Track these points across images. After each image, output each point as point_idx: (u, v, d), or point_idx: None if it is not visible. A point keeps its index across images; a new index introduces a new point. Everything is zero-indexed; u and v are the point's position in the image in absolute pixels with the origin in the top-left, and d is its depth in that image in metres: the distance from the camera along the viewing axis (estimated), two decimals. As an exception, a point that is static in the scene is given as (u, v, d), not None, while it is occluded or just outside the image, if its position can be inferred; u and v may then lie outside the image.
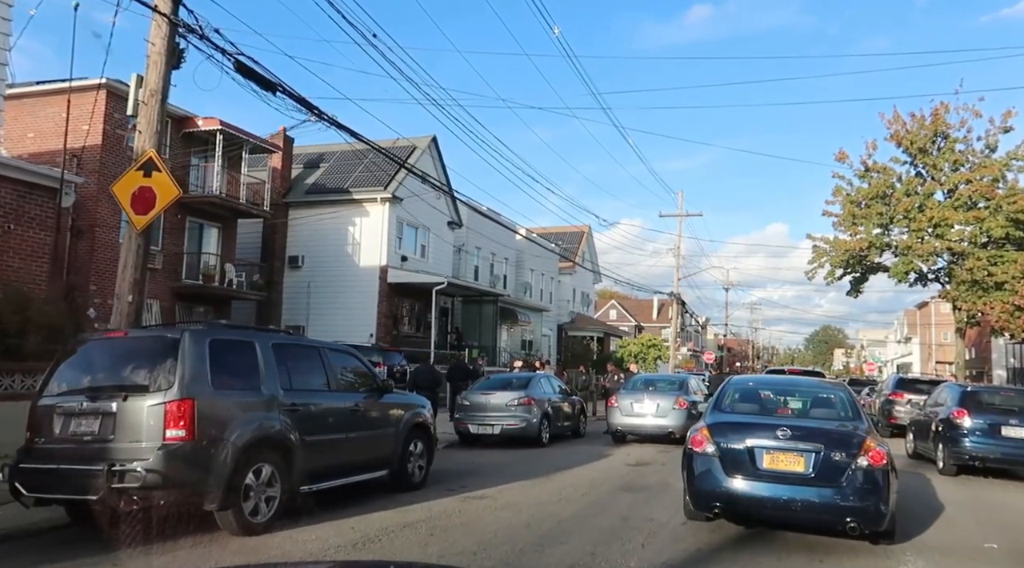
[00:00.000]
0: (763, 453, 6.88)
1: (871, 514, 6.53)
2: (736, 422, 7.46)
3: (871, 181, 23.85)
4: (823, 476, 6.67)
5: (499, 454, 13.39)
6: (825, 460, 6.71)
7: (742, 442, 6.98)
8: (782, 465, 6.82)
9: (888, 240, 24.26)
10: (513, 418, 14.36)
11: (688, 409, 14.97)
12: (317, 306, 28.20)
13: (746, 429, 7.19)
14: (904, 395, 20.34)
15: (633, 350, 35.60)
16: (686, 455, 7.36)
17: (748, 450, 6.91)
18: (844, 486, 6.60)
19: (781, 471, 6.80)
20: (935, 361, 69.97)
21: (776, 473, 6.81)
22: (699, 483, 7.06)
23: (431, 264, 30.54)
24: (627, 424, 15.28)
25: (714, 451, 7.02)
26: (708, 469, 7.01)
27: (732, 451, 6.96)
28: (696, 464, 7.13)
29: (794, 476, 6.75)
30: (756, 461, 6.87)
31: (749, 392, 8.42)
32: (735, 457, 6.92)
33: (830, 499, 6.62)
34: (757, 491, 6.79)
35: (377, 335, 27.52)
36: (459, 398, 15.07)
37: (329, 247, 28.37)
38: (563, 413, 16.23)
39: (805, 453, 6.78)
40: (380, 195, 27.64)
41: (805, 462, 6.75)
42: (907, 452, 15.45)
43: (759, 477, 6.81)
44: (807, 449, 6.78)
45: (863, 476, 6.59)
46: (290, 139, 28.93)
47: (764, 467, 6.84)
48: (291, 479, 6.96)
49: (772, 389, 8.65)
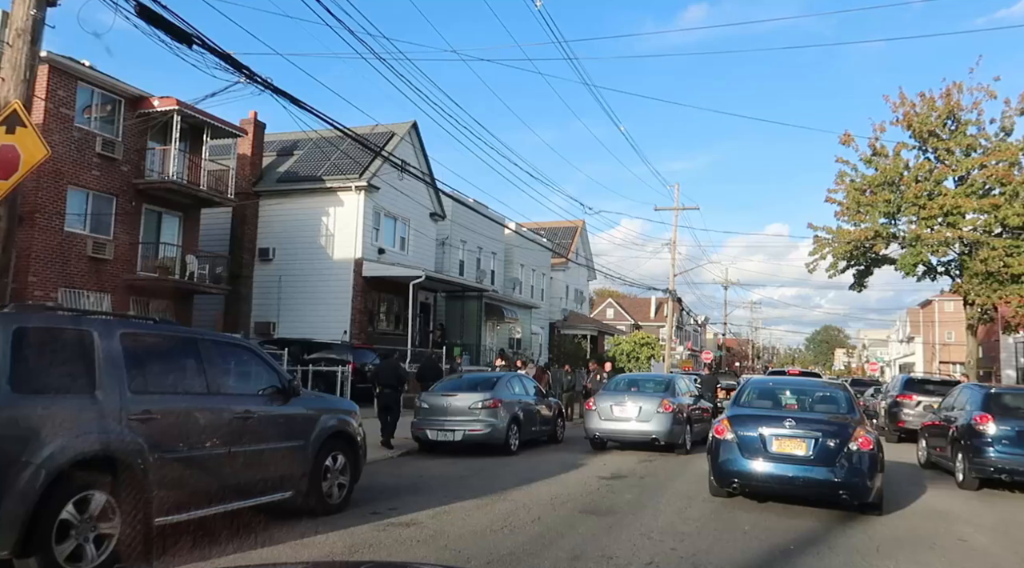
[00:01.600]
0: (773, 439, 8.37)
1: (859, 488, 8.06)
2: (751, 414, 8.99)
3: (878, 166, 22.20)
4: (821, 458, 8.13)
5: (458, 464, 11.79)
6: (823, 445, 8.19)
7: (756, 430, 8.47)
8: (788, 449, 8.30)
9: (895, 230, 22.63)
10: (477, 423, 12.76)
11: (674, 412, 13.37)
12: (288, 301, 26.62)
13: (759, 420, 8.68)
14: (913, 397, 18.75)
15: (625, 348, 33.98)
16: (710, 441, 9.01)
17: (761, 437, 8.42)
18: (837, 466, 8.06)
19: (787, 454, 8.28)
20: (939, 361, 68.41)
21: (783, 455, 8.28)
22: (721, 464, 8.64)
23: (411, 257, 28.95)
24: (606, 429, 13.68)
25: (733, 438, 8.56)
26: (728, 452, 8.54)
27: (748, 437, 8.48)
28: (719, 448, 8.68)
29: (797, 458, 8.23)
30: (767, 446, 8.37)
31: (764, 390, 10.06)
32: (750, 442, 8.44)
33: (826, 476, 8.07)
34: (767, 470, 8.30)
35: (351, 332, 25.94)
36: (417, 400, 13.48)
37: (302, 239, 26.79)
38: (538, 417, 14.64)
39: (807, 439, 8.25)
40: (355, 183, 26.05)
41: (807, 446, 8.22)
42: (919, 461, 13.84)
43: (769, 459, 8.31)
44: (808, 436, 8.25)
45: (853, 458, 8.06)
46: (261, 125, 27.36)
47: (773, 450, 8.33)
48: (140, 510, 5.35)
49: (782, 388, 10.32)
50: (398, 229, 28.94)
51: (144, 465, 5.39)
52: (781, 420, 8.53)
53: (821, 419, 8.73)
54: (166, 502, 5.58)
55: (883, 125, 22.52)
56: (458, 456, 12.77)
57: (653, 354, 33.86)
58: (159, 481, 5.49)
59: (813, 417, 8.78)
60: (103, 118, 20.78)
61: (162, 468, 5.54)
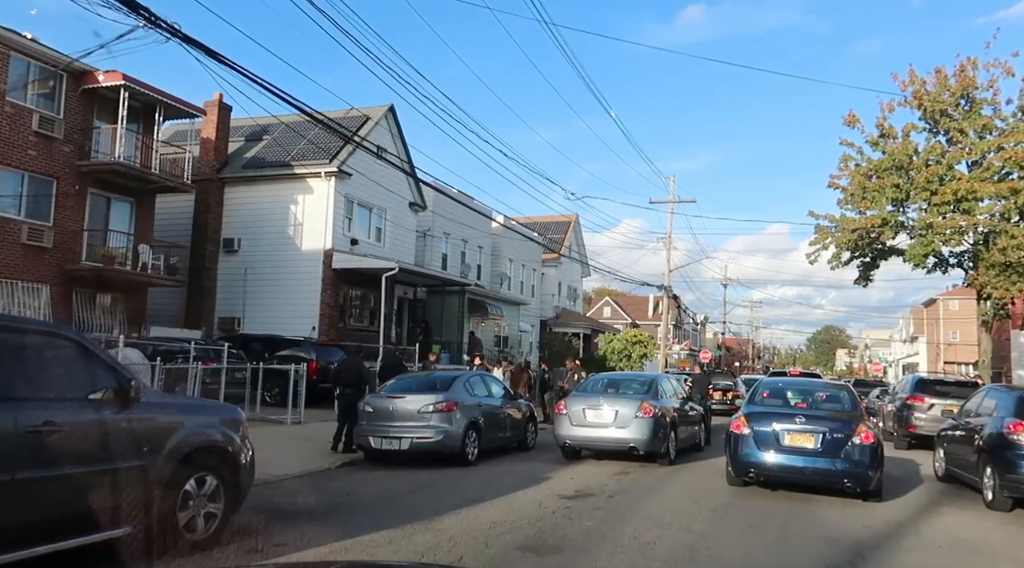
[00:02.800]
0: (785, 434, 9.24)
1: (862, 478, 8.95)
2: (765, 412, 9.82)
3: (886, 149, 20.44)
4: (827, 450, 9.03)
5: (401, 478, 10.10)
6: (830, 438, 9.07)
7: (769, 426, 9.35)
8: (798, 442, 9.19)
9: (903, 219, 20.86)
10: (427, 429, 11.04)
11: (656, 418, 11.64)
12: (255, 295, 24.91)
13: (773, 417, 9.55)
14: (925, 399, 17.04)
15: (617, 347, 32.24)
16: (729, 436, 9.82)
17: (774, 432, 9.29)
18: (842, 457, 8.96)
19: (797, 446, 9.17)
20: (944, 361, 66.70)
21: (794, 448, 9.19)
22: (739, 456, 9.49)
23: (388, 249, 27.24)
24: (578, 437, 11.95)
25: (749, 433, 9.42)
26: (746, 445, 9.40)
27: (762, 432, 9.35)
28: (737, 442, 9.53)
29: (807, 450, 9.14)
30: (779, 440, 9.24)
31: (775, 390, 10.90)
32: (765, 437, 9.32)
33: (832, 466, 8.97)
34: (780, 461, 9.19)
35: (320, 328, 24.25)
36: (361, 403, 11.77)
37: (269, 228, 25.08)
38: (503, 422, 12.94)
39: (815, 434, 9.15)
40: (324, 169, 24.34)
41: (815, 440, 9.14)
42: (935, 473, 12.11)
43: (781, 451, 9.19)
44: (817, 430, 9.17)
45: (856, 450, 8.95)
46: (226, 107, 25.64)
47: (785, 444, 9.21)
48: None
49: (792, 388, 11.08)
50: (373, 219, 27.22)
51: None
52: (792, 417, 9.54)
53: (828, 416, 9.65)
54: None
55: (891, 103, 20.78)
56: (407, 468, 11.08)
57: (647, 353, 32.12)
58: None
59: (821, 414, 9.75)
60: (43, 94, 19.08)
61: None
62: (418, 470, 10.88)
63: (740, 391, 28.66)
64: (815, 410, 9.92)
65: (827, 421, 9.41)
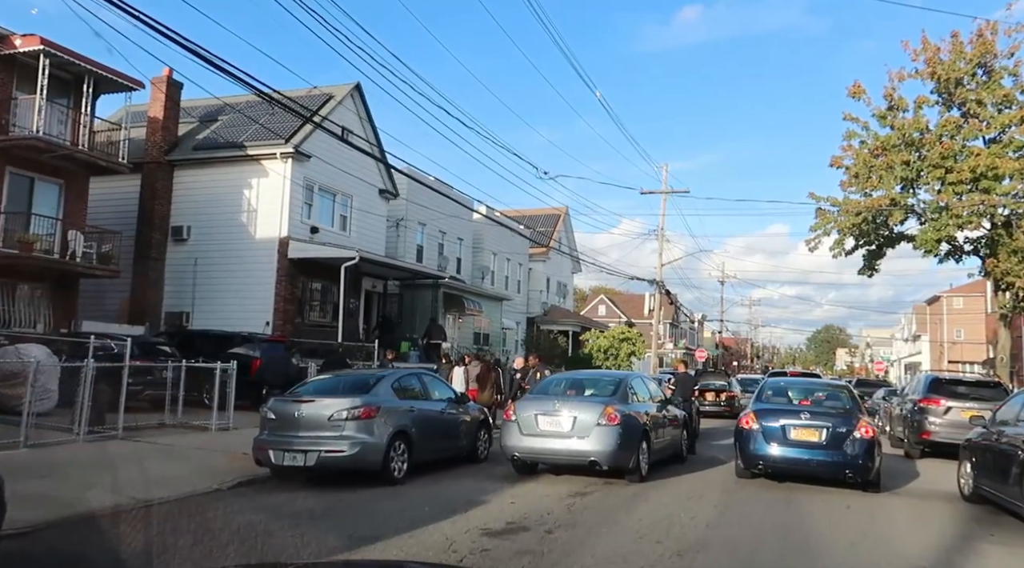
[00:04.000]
0: (791, 428, 10.08)
1: (862, 469, 9.72)
2: (773, 408, 10.69)
3: (895, 124, 18.35)
4: (831, 444, 9.86)
5: (293, 503, 8.06)
6: (832, 433, 9.90)
7: (777, 421, 10.16)
8: (803, 436, 10.04)
9: (914, 201, 18.80)
10: (339, 440, 8.97)
11: (622, 425, 9.56)
12: (206, 288, 22.87)
13: (780, 413, 10.41)
14: (941, 401, 14.96)
15: (603, 344, 30.15)
16: (738, 431, 10.62)
17: (781, 427, 10.10)
18: (844, 450, 9.77)
19: (803, 440, 10.02)
20: (948, 360, 64.58)
21: (800, 442, 10.01)
22: (748, 450, 10.26)
23: (354, 238, 25.18)
24: (528, 448, 9.86)
25: (758, 428, 10.18)
26: (755, 440, 10.16)
27: (770, 428, 10.13)
28: (746, 437, 10.30)
29: (812, 444, 9.97)
30: (786, 434, 10.07)
31: (780, 389, 11.92)
32: (772, 432, 10.11)
33: (835, 458, 9.79)
34: (787, 454, 10.02)
35: (274, 323, 22.20)
36: (263, 409, 9.71)
37: (221, 215, 23.02)
38: (445, 429, 10.89)
39: (819, 428, 9.99)
40: (280, 150, 22.29)
41: (819, 434, 9.97)
42: (961, 491, 10.04)
43: (788, 445, 10.02)
44: (821, 426, 10.00)
45: (857, 444, 9.76)
46: (176, 84, 23.60)
47: (792, 438, 10.04)
48: None
49: (796, 387, 12.18)
50: (337, 206, 25.16)
51: None
52: (798, 413, 10.23)
53: (830, 412, 10.28)
54: None
55: (901, 72, 18.65)
56: (317, 488, 9.04)
57: (635, 351, 30.01)
58: None
59: (824, 410, 10.39)
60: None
61: None
62: (328, 491, 8.84)
63: (735, 392, 26.55)
64: (818, 407, 10.67)
65: (830, 417, 10.12)
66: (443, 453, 10.84)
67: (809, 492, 9.88)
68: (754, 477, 10.41)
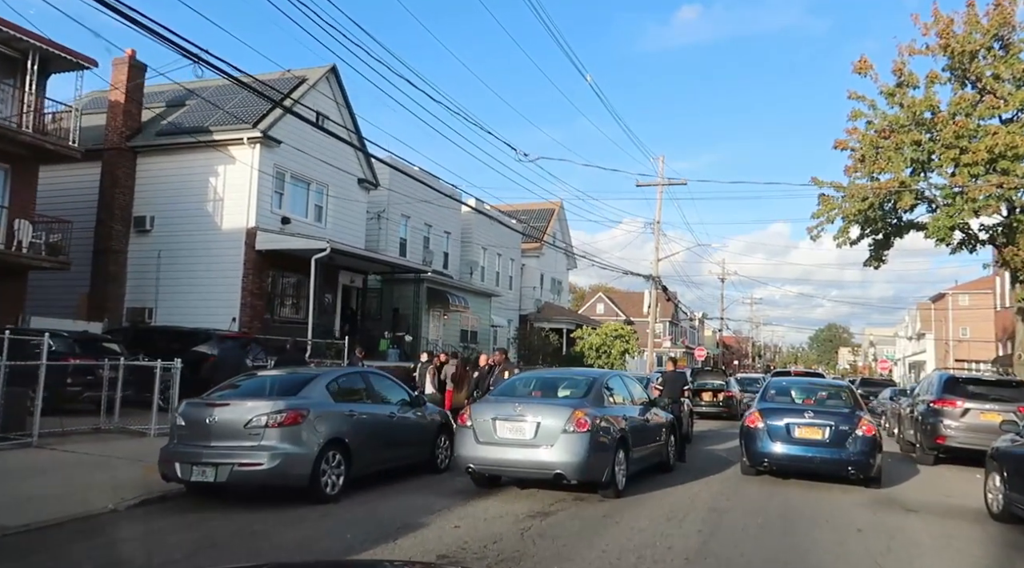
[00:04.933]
0: (795, 427, 10.41)
1: (864, 465, 10.05)
2: (778, 408, 11.01)
3: (905, 101, 16.90)
4: (833, 441, 10.18)
5: (190, 529, 6.69)
6: (835, 431, 10.21)
7: (781, 420, 10.47)
8: (807, 435, 10.36)
9: (924, 187, 17.35)
10: (256, 451, 7.58)
11: (593, 432, 8.17)
12: (169, 281, 21.52)
13: (784, 412, 10.74)
14: (957, 402, 13.58)
15: (594, 342, 28.72)
16: (743, 430, 10.91)
17: (786, 425, 10.41)
18: (847, 448, 10.12)
19: (807, 438, 10.34)
20: (954, 359, 63.06)
21: (804, 440, 10.34)
22: (753, 448, 10.56)
23: (330, 230, 23.81)
24: (485, 459, 8.45)
25: (763, 427, 10.50)
26: (760, 438, 10.47)
27: (775, 426, 10.45)
28: (752, 435, 10.60)
29: (815, 442, 10.28)
30: (791, 432, 10.39)
31: (783, 389, 12.22)
32: (777, 430, 10.43)
33: (838, 456, 10.12)
34: (791, 451, 10.33)
35: (241, 319, 20.83)
36: (173, 414, 8.34)
37: (186, 204, 21.66)
38: (397, 435, 9.50)
39: (823, 427, 10.29)
40: (247, 134, 20.90)
41: (823, 433, 10.28)
42: (989, 508, 8.66)
43: (792, 443, 10.35)
44: (824, 424, 10.30)
45: (859, 441, 10.10)
46: (139, 66, 22.20)
47: (796, 436, 10.38)
48: None
49: (799, 387, 12.45)
50: (312, 196, 23.78)
51: None
52: (802, 412, 10.66)
53: (833, 411, 10.63)
54: None
55: (912, 46, 17.16)
56: (232, 507, 7.65)
57: (628, 348, 28.59)
58: None
59: (827, 410, 10.73)
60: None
61: None
62: (244, 511, 7.47)
63: (733, 391, 25.16)
64: (821, 406, 11.02)
65: (832, 416, 10.45)
66: (393, 463, 9.45)
67: (811, 510, 8.50)
68: (758, 474, 10.78)
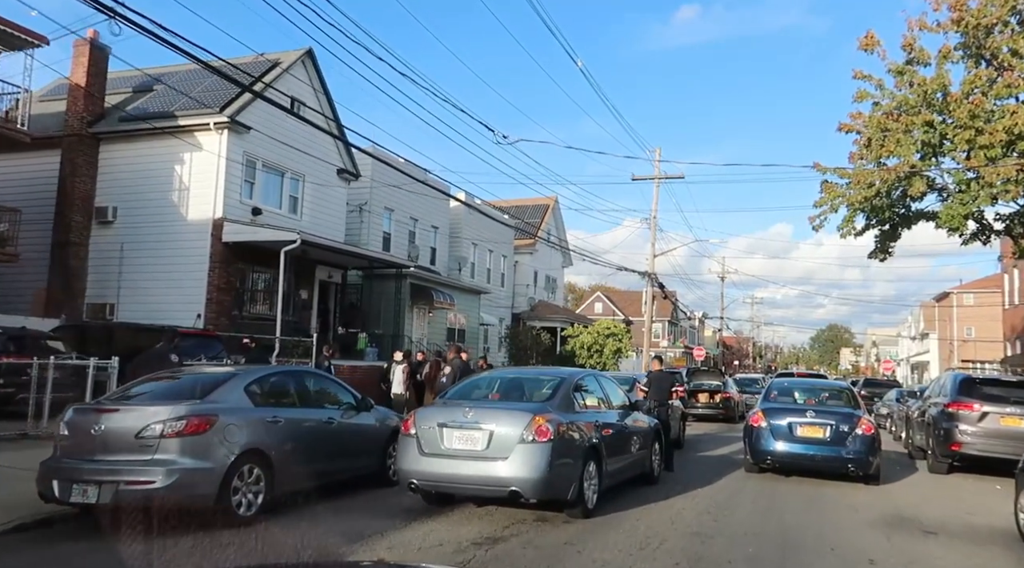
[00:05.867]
0: (797, 426, 10.83)
1: (863, 463, 10.46)
2: (781, 407, 11.48)
3: (915, 79, 15.60)
4: (834, 440, 10.60)
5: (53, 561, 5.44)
6: (836, 430, 10.63)
7: (784, 419, 10.91)
8: (809, 433, 10.78)
9: (936, 173, 16.04)
10: (148, 467, 6.34)
11: (556, 442, 6.91)
12: (133, 275, 20.27)
13: (787, 412, 11.19)
14: (975, 405, 12.33)
15: (586, 341, 27.45)
16: (747, 429, 11.37)
17: (788, 424, 10.85)
18: (847, 446, 10.53)
19: (809, 437, 10.76)
20: (958, 359, 61.76)
21: (805, 438, 10.76)
22: (757, 446, 10.99)
23: (307, 222, 22.57)
24: (428, 474, 7.17)
25: (766, 425, 10.93)
26: (763, 437, 10.90)
27: (778, 425, 10.88)
28: (755, 434, 11.03)
29: (816, 440, 10.71)
30: (793, 431, 10.82)
31: (786, 389, 12.81)
32: (780, 429, 10.86)
33: (838, 454, 10.54)
34: (793, 449, 10.75)
35: (207, 315, 19.58)
36: (58, 422, 7.10)
37: (151, 194, 20.40)
38: (337, 444, 8.25)
39: (824, 426, 10.70)
40: (214, 119, 19.64)
41: (824, 431, 10.69)
42: (1020, 528, 7.41)
43: (795, 441, 10.77)
44: (825, 423, 10.71)
45: (859, 440, 10.51)
46: (102, 48, 20.94)
47: (798, 435, 10.79)
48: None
49: (801, 387, 13.04)
50: (287, 186, 22.53)
51: None
52: (803, 411, 11.14)
53: (834, 411, 11.17)
54: None
55: (923, 19, 15.85)
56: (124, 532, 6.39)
57: (621, 347, 27.31)
58: None
59: (828, 409, 11.28)
60: None
61: None
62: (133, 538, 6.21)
63: (731, 393, 23.89)
64: (822, 406, 11.46)
65: (833, 415, 10.85)
66: (332, 476, 8.21)
67: (813, 533, 7.25)
68: (761, 472, 11.10)
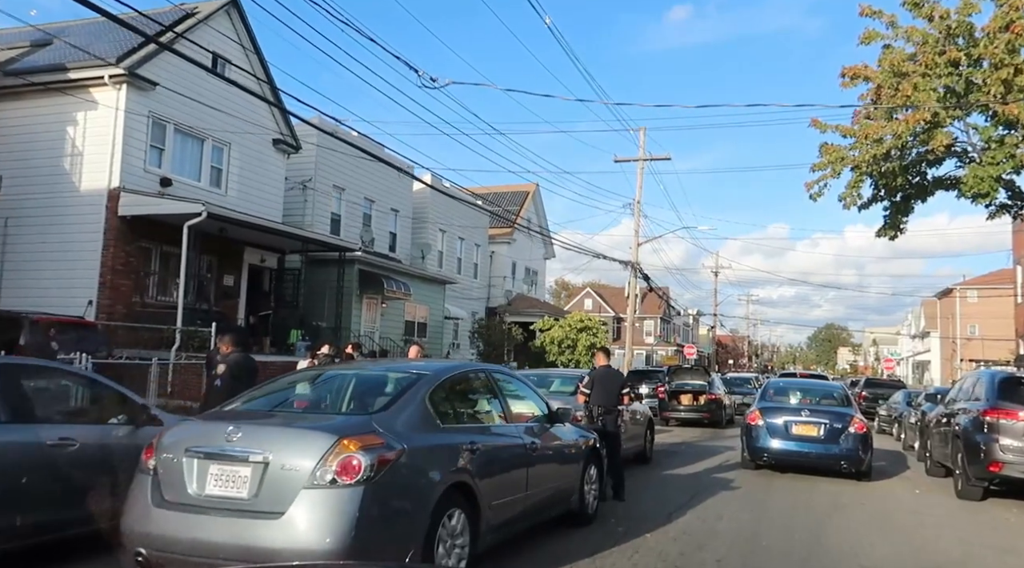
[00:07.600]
0: (792, 424, 11.35)
1: (855, 460, 11.00)
2: (777, 406, 11.94)
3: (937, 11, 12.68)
4: (828, 438, 11.12)
5: None
6: (830, 428, 11.14)
7: (780, 418, 11.44)
8: (804, 431, 11.29)
9: (960, 131, 13.19)
10: None
11: (375, 484, 3.98)
12: (19, 255, 17.44)
13: (783, 411, 11.71)
14: (1020, 414, 9.45)
15: (556, 335, 24.55)
16: (745, 427, 11.93)
17: (784, 423, 11.37)
18: (840, 443, 11.05)
19: (803, 435, 11.29)
20: (960, 358, 59.02)
21: (800, 436, 11.29)
22: (754, 443, 11.51)
23: (233, 198, 19.71)
24: (164, 537, 4.25)
25: (763, 424, 11.45)
26: (760, 435, 11.42)
27: (774, 424, 11.40)
28: (752, 432, 11.55)
29: (811, 438, 11.24)
30: (788, 429, 11.33)
31: (782, 389, 13.27)
32: (776, 427, 11.38)
33: (831, 451, 11.05)
34: (789, 447, 11.29)
35: (100, 302, 16.69)
36: None
37: (40, 161, 17.51)
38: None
39: (818, 424, 11.24)
40: (109, 71, 16.74)
41: (818, 430, 11.23)
42: None
43: (790, 439, 11.30)
44: (819, 422, 11.25)
45: (852, 438, 11.04)
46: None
47: (793, 433, 11.31)
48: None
49: (797, 387, 13.50)
50: (208, 155, 19.63)
51: None
52: (799, 411, 11.70)
53: (828, 410, 11.69)
54: None
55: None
56: None
57: (596, 342, 24.44)
58: None
59: (822, 409, 11.80)
60: None
61: None
62: None
63: (718, 394, 21.01)
64: (817, 405, 12.09)
65: (827, 414, 11.50)
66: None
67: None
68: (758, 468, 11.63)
